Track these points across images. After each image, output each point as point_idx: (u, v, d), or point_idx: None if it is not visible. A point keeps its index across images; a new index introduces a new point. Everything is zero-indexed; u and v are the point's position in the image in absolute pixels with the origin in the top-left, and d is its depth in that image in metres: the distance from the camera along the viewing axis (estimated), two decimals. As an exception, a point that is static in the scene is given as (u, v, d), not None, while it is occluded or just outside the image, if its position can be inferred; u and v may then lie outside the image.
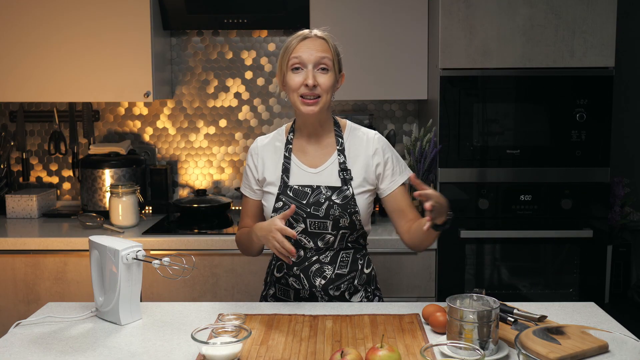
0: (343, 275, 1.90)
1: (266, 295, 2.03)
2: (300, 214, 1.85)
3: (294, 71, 1.83)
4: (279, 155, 1.94)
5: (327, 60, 1.82)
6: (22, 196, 3.04)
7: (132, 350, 1.54)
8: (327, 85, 1.82)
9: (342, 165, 1.89)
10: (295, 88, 1.83)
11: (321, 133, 1.93)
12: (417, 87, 2.87)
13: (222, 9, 2.94)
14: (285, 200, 1.87)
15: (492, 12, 2.58)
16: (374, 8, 2.84)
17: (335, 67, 1.85)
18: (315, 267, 1.89)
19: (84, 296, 2.65)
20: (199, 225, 2.91)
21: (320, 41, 1.84)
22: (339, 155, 1.90)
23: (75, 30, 2.86)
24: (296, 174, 1.91)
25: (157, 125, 3.27)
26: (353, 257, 1.93)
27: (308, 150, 1.93)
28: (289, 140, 1.95)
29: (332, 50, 1.84)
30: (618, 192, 2.88)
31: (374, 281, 2.02)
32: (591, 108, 2.61)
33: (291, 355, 1.49)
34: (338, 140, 1.93)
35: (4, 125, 3.27)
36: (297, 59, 1.82)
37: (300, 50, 1.82)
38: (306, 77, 1.80)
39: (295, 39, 1.84)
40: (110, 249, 1.69)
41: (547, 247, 2.67)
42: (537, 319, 1.63)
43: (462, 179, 2.64)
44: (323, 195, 1.86)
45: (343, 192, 1.86)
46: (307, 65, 1.81)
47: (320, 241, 1.88)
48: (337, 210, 1.84)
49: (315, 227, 1.86)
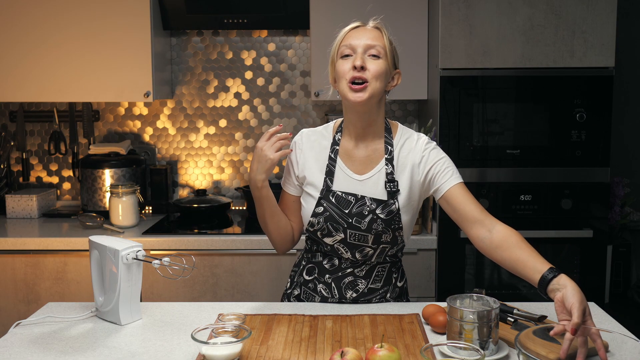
0: (376, 290, 1.83)
1: (290, 294, 1.94)
2: (340, 223, 1.75)
3: (343, 58, 1.73)
4: (324, 155, 1.82)
5: (379, 48, 1.72)
6: (22, 196, 3.04)
7: (132, 350, 1.54)
8: (376, 70, 1.70)
9: (389, 176, 1.77)
10: (344, 74, 1.71)
11: (369, 136, 1.79)
12: (417, 87, 2.87)
13: (222, 9, 2.94)
14: (327, 206, 1.77)
15: (492, 12, 2.58)
16: (374, 8, 2.83)
17: (389, 58, 1.74)
18: (349, 279, 1.81)
19: (84, 296, 2.65)
20: (199, 225, 2.91)
21: (373, 30, 1.75)
22: (386, 164, 1.78)
23: (75, 30, 2.86)
24: (340, 179, 1.79)
25: (157, 125, 3.27)
26: (388, 272, 1.85)
27: (354, 154, 1.80)
28: (336, 141, 1.82)
29: (386, 40, 1.74)
30: (618, 192, 2.88)
31: (405, 293, 1.93)
32: (591, 108, 2.61)
33: (291, 355, 1.49)
34: (387, 147, 1.79)
35: (4, 125, 3.27)
36: (347, 45, 1.73)
37: (351, 37, 1.74)
38: (354, 60, 1.70)
39: (347, 28, 1.77)
40: (110, 249, 1.69)
41: (547, 247, 2.67)
42: (537, 319, 1.62)
43: (462, 179, 2.64)
44: (367, 207, 1.75)
45: (388, 206, 1.75)
46: (357, 50, 1.71)
47: (359, 253, 1.79)
48: (380, 225, 1.74)
49: (354, 239, 1.76)
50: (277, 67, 3.23)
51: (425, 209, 2.74)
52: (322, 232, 1.78)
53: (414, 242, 2.65)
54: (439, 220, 2.66)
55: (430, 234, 2.70)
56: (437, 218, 2.68)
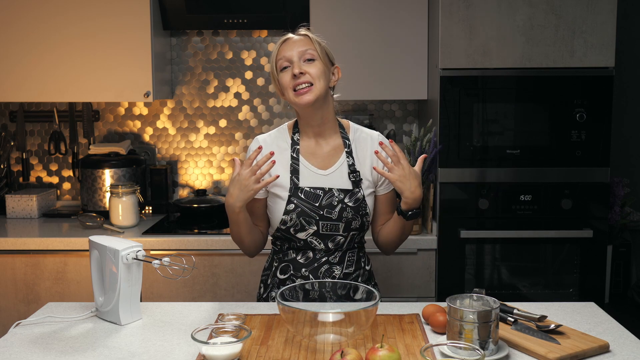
0: (349, 275, 1.92)
1: (267, 297, 1.99)
2: (312, 216, 1.85)
3: (283, 71, 1.86)
4: (285, 156, 1.91)
5: (311, 52, 1.84)
6: (22, 196, 3.04)
7: (132, 350, 1.54)
8: (315, 72, 1.82)
9: (351, 167, 1.90)
10: (287, 84, 1.84)
11: (327, 133, 1.92)
12: (417, 87, 2.87)
13: (222, 9, 2.95)
14: (298, 203, 1.85)
15: (492, 12, 2.58)
16: (374, 8, 2.84)
17: (323, 58, 1.85)
18: (325, 267, 1.90)
19: (84, 296, 2.65)
20: (199, 225, 2.91)
21: (300, 38, 1.87)
22: (347, 157, 1.91)
23: (75, 30, 2.86)
24: (306, 176, 1.89)
25: (157, 125, 3.27)
26: (357, 256, 1.95)
27: (316, 151, 1.92)
28: (295, 141, 1.93)
29: (315, 43, 1.86)
30: (618, 192, 2.88)
31: (372, 277, 2.05)
32: (591, 108, 2.61)
33: (291, 355, 1.49)
34: (345, 142, 1.93)
35: (4, 125, 3.27)
36: (282, 59, 1.85)
37: (284, 50, 1.86)
38: (293, 69, 1.82)
39: (278, 44, 1.88)
40: (110, 249, 1.69)
41: (547, 247, 2.67)
42: (537, 319, 1.63)
43: (462, 179, 2.64)
44: (336, 197, 1.86)
45: (355, 194, 1.88)
46: (292, 60, 1.83)
47: (331, 242, 1.89)
48: (350, 213, 1.86)
49: (326, 229, 1.87)
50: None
51: (425, 209, 2.73)
52: (295, 227, 1.86)
53: (414, 242, 2.65)
54: (439, 220, 2.66)
55: (430, 234, 2.70)
56: (437, 218, 2.68)
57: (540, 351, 1.48)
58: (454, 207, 2.66)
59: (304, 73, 1.81)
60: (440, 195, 2.65)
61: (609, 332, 1.64)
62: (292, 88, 1.83)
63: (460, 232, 2.63)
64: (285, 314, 1.54)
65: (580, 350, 1.48)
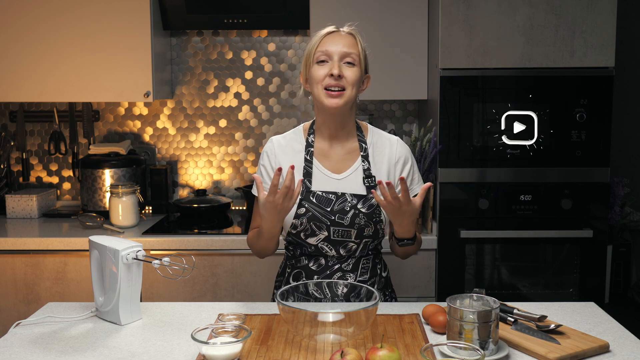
0: (364, 282, 1.85)
1: None
2: (323, 221, 1.79)
3: (319, 64, 1.78)
4: (299, 158, 1.86)
5: (354, 56, 1.78)
6: (22, 196, 3.04)
7: (132, 350, 1.54)
8: (352, 78, 1.77)
9: (366, 172, 1.84)
10: (320, 79, 1.77)
11: (343, 136, 1.86)
12: (417, 87, 2.87)
13: (222, 9, 2.95)
14: (309, 207, 1.80)
15: (492, 12, 2.58)
16: (374, 8, 2.84)
17: (362, 65, 1.81)
18: (338, 275, 1.84)
19: (84, 296, 2.65)
20: (199, 225, 2.91)
21: (348, 37, 1.80)
22: (363, 161, 1.85)
23: (75, 30, 2.86)
24: (319, 180, 1.84)
25: (157, 125, 3.27)
26: (372, 263, 1.89)
27: (330, 154, 1.86)
28: (310, 143, 1.87)
29: (360, 47, 1.80)
30: (618, 192, 2.88)
31: (389, 284, 2.00)
32: (591, 108, 2.61)
33: (291, 355, 1.49)
34: (362, 145, 1.87)
35: (4, 125, 3.27)
36: (323, 52, 1.78)
37: (327, 44, 1.78)
38: (331, 68, 1.76)
39: (323, 33, 1.81)
40: (110, 249, 1.69)
41: (547, 247, 2.67)
42: (537, 319, 1.63)
43: (462, 179, 2.64)
44: (348, 203, 1.80)
45: (369, 200, 1.81)
46: (333, 58, 1.77)
47: (343, 249, 1.83)
48: (362, 219, 1.80)
49: (338, 235, 1.81)
50: (277, 67, 3.23)
51: (425, 209, 2.73)
52: (306, 232, 1.81)
53: (414, 242, 2.64)
54: (439, 220, 2.66)
55: (430, 234, 2.70)
56: (437, 218, 2.68)
57: (540, 351, 1.48)
58: (454, 207, 2.66)
59: (342, 77, 1.76)
60: (440, 195, 2.65)
61: (609, 332, 1.64)
62: (324, 86, 1.77)
63: (460, 232, 2.63)
64: (285, 314, 1.54)
65: (580, 350, 1.48)
